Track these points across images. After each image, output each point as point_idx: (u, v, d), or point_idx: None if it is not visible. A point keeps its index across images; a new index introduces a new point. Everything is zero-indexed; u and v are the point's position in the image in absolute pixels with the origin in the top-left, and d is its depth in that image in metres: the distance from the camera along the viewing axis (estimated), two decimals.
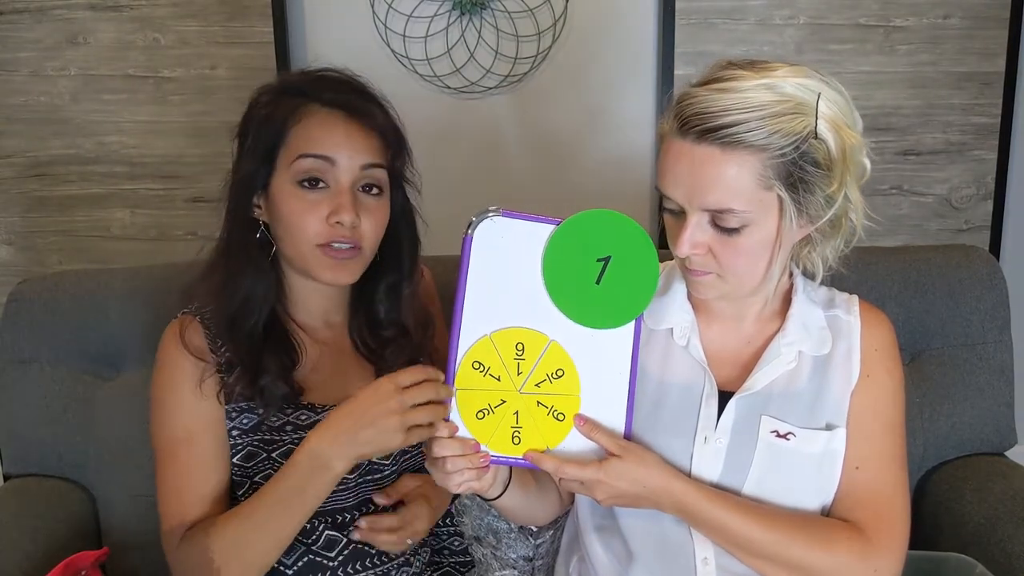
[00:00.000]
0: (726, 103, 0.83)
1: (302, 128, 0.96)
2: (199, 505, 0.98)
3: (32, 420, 1.30)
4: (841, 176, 0.86)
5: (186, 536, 0.96)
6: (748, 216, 0.85)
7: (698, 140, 0.84)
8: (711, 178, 0.84)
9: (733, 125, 0.82)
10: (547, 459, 0.89)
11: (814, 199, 0.87)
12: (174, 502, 0.98)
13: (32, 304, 1.32)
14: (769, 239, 0.88)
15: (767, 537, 0.89)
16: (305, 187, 0.96)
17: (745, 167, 0.83)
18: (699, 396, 0.96)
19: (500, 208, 0.89)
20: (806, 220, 0.89)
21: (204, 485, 0.99)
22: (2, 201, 2.14)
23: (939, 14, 2.01)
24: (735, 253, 0.88)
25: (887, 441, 0.95)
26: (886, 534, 0.91)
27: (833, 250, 0.96)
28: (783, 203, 0.86)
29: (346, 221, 0.95)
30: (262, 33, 2.00)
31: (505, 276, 0.89)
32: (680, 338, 0.99)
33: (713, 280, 0.92)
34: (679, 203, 0.88)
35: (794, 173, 0.84)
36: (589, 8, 2.01)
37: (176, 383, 1.00)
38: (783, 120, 0.83)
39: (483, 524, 1.19)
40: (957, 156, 2.09)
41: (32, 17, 2.02)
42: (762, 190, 0.85)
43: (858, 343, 0.98)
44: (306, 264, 0.99)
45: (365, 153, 0.98)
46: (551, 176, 2.10)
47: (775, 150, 0.83)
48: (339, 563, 1.02)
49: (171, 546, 0.97)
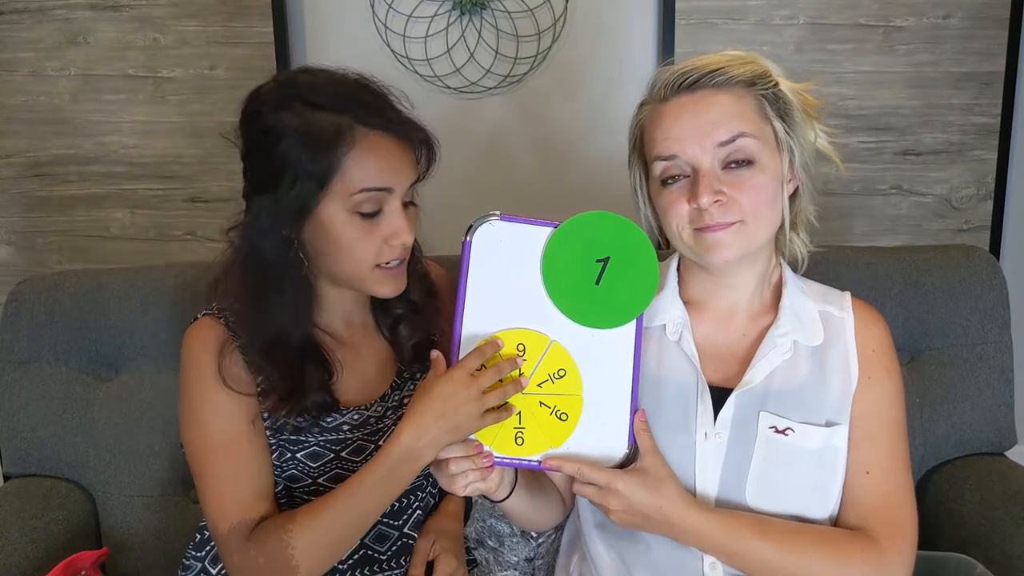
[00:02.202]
0: (700, 63, 0.92)
1: (358, 157, 0.92)
2: (260, 501, 0.96)
3: (32, 420, 1.30)
4: (810, 112, 0.95)
5: (255, 536, 0.93)
6: (757, 145, 0.91)
7: (692, 90, 0.91)
8: (717, 112, 0.90)
9: (718, 69, 0.91)
10: (568, 462, 0.89)
11: (797, 137, 0.93)
12: (230, 503, 0.95)
13: (32, 304, 1.32)
14: (776, 176, 0.93)
15: (783, 559, 0.89)
16: (367, 215, 0.94)
17: (743, 99, 0.91)
18: (694, 392, 0.96)
19: (499, 212, 0.90)
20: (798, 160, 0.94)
21: (260, 480, 0.97)
22: (2, 201, 2.14)
23: (939, 14, 2.01)
24: (752, 191, 0.91)
25: (894, 443, 0.96)
26: (898, 539, 0.92)
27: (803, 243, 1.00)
28: (778, 136, 0.92)
29: (408, 243, 0.96)
30: (262, 33, 2.00)
31: (505, 278, 0.90)
32: (672, 334, 0.99)
33: (736, 231, 0.92)
34: (688, 158, 0.91)
35: (780, 108, 0.92)
36: (589, 8, 2.01)
37: (210, 387, 0.97)
38: (753, 65, 0.93)
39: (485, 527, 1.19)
40: (957, 156, 2.09)
41: (32, 17, 2.03)
42: (761, 120, 0.92)
43: (853, 341, 0.98)
44: (361, 283, 0.98)
45: (411, 173, 0.97)
46: (551, 175, 2.10)
47: (760, 86, 0.91)
48: (348, 567, 1.03)
49: (234, 546, 0.94)
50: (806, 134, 0.94)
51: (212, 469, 0.96)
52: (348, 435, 1.02)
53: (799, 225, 0.99)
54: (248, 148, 0.97)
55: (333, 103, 0.93)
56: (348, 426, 1.02)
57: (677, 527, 0.90)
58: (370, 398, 1.05)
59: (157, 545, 1.30)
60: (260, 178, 0.95)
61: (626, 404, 0.92)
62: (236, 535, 0.94)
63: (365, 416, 1.04)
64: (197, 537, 1.07)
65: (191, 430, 0.98)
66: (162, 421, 1.30)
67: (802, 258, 1.01)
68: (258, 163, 0.95)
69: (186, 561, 1.06)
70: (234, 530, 0.94)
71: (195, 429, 0.98)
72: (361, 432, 1.03)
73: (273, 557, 0.91)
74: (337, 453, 1.02)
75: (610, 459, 0.91)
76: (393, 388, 1.08)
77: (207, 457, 0.97)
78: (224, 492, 0.96)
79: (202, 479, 0.97)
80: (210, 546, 1.05)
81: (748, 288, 0.99)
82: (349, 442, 1.02)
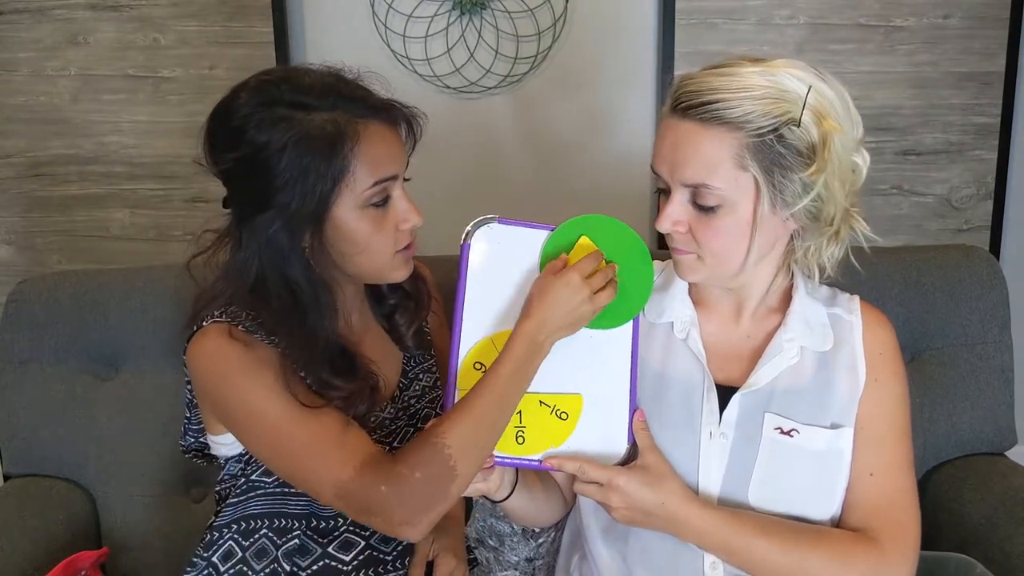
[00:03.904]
0: (715, 84, 0.86)
1: (364, 151, 0.90)
2: (364, 436, 0.92)
3: (32, 420, 1.30)
4: (820, 165, 0.85)
5: (402, 456, 0.87)
6: (723, 195, 0.87)
7: (683, 117, 0.87)
8: (689, 152, 0.87)
9: (714, 102, 0.85)
10: (569, 461, 0.89)
11: (790, 185, 0.87)
12: (342, 449, 0.89)
13: (32, 304, 1.32)
14: (745, 222, 0.88)
15: (784, 558, 0.89)
16: (378, 205, 0.93)
17: (723, 144, 0.85)
18: (700, 390, 0.96)
19: (496, 215, 0.91)
20: (782, 206, 0.88)
21: (345, 419, 0.92)
22: (2, 201, 2.14)
23: (939, 14, 2.01)
24: (713, 233, 0.89)
25: (898, 446, 0.96)
26: (900, 542, 0.92)
27: (830, 257, 0.95)
28: (759, 185, 0.86)
29: (418, 223, 0.96)
30: (262, 33, 2.00)
31: (503, 280, 0.91)
32: (680, 331, 1.00)
33: (693, 260, 0.93)
34: (665, 180, 0.91)
35: (770, 156, 0.85)
36: (589, 8, 2.01)
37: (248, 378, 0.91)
38: (764, 102, 0.84)
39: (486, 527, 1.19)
40: (957, 156, 2.09)
41: (32, 17, 2.03)
42: (737, 169, 0.86)
43: (860, 344, 0.98)
44: (382, 274, 0.98)
45: (405, 154, 0.97)
46: (550, 175, 2.10)
47: (751, 130, 0.84)
48: (353, 568, 1.02)
49: (374, 479, 0.87)
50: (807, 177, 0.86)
51: (299, 441, 0.90)
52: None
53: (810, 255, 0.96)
54: (236, 171, 0.91)
55: (320, 101, 0.90)
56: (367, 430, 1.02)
57: (679, 523, 0.90)
58: (383, 399, 1.05)
59: (157, 545, 1.30)
60: (261, 197, 0.90)
61: (625, 402, 0.93)
62: (370, 469, 0.88)
63: (380, 419, 1.04)
64: (206, 537, 1.05)
65: (253, 429, 0.92)
66: (162, 421, 1.30)
67: (815, 276, 0.98)
68: (256, 183, 0.90)
69: (194, 559, 1.06)
70: (365, 465, 0.88)
71: (257, 424, 0.92)
72: (378, 435, 1.03)
73: (430, 466, 0.86)
74: None
75: (610, 457, 0.92)
76: (401, 389, 1.08)
77: (289, 436, 0.90)
78: (328, 448, 0.89)
79: (293, 458, 0.91)
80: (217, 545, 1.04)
81: (755, 292, 0.99)
82: None
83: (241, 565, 1.00)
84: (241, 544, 1.01)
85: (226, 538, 1.01)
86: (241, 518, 1.02)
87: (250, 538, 1.01)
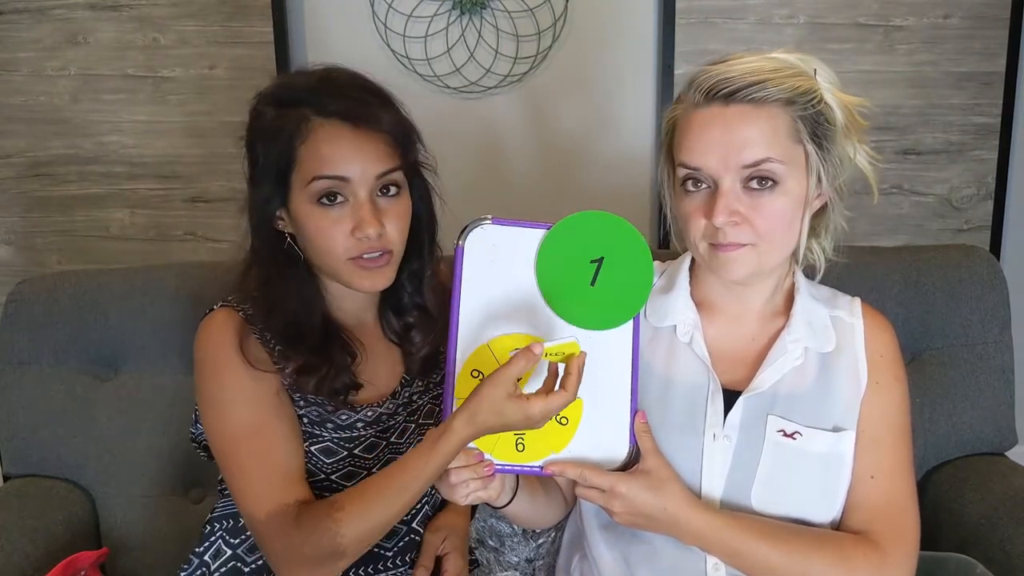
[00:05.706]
0: (744, 70, 0.88)
1: (311, 146, 0.94)
2: (292, 485, 0.95)
3: (32, 420, 1.30)
4: (856, 128, 0.92)
5: (300, 524, 0.92)
6: (784, 170, 0.88)
7: (727, 102, 0.88)
8: (747, 133, 0.87)
9: (759, 83, 0.87)
10: (570, 466, 0.89)
11: (831, 157, 0.91)
12: (263, 490, 0.94)
13: (32, 304, 1.32)
14: (799, 199, 0.90)
15: (786, 561, 0.89)
16: (325, 204, 0.94)
17: (778, 119, 0.88)
18: (704, 393, 0.96)
19: (491, 216, 0.89)
20: (827, 179, 0.91)
21: (289, 462, 0.97)
22: (2, 201, 2.14)
23: (939, 14, 2.01)
24: (769, 214, 0.89)
25: (899, 449, 0.96)
26: (901, 544, 0.92)
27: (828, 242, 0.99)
28: (808, 160, 0.89)
29: (371, 235, 0.94)
30: (262, 33, 2.00)
31: (499, 283, 0.89)
32: (684, 335, 0.99)
33: (747, 252, 0.91)
34: (711, 171, 0.89)
35: (816, 129, 0.89)
36: (589, 8, 2.01)
37: (231, 370, 0.96)
38: (801, 79, 0.89)
39: (486, 527, 1.19)
40: (957, 156, 2.09)
41: (32, 17, 2.02)
42: (793, 143, 0.89)
43: (862, 347, 0.98)
44: (340, 276, 0.98)
45: (377, 162, 0.95)
46: (551, 175, 2.10)
47: (800, 105, 0.88)
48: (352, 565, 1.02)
49: (274, 534, 0.93)
50: (844, 152, 0.92)
51: (240, 457, 0.95)
52: (361, 432, 1.03)
53: (822, 236, 0.98)
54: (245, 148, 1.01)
55: (295, 98, 0.96)
56: (362, 423, 1.03)
57: (681, 527, 0.90)
58: (381, 396, 1.06)
59: (157, 545, 1.30)
60: (249, 176, 1.00)
61: (626, 406, 0.91)
62: (274, 522, 0.92)
63: (378, 413, 1.04)
64: (203, 531, 1.08)
65: (214, 419, 0.97)
66: (162, 421, 1.30)
67: (820, 266, 1.00)
68: (248, 162, 1.00)
69: (191, 556, 1.06)
70: (272, 517, 0.93)
71: (218, 417, 0.96)
72: (374, 429, 1.04)
73: (320, 545, 0.90)
74: (350, 451, 1.02)
75: (612, 461, 0.91)
76: (403, 385, 1.08)
77: (235, 444, 0.95)
78: (254, 479, 0.94)
79: (230, 468, 0.96)
80: (210, 541, 1.06)
81: (760, 294, 0.99)
82: (362, 439, 1.03)
83: (234, 561, 1.03)
84: (230, 543, 1.05)
85: (216, 535, 1.05)
86: (231, 514, 1.05)
87: (239, 535, 1.04)
